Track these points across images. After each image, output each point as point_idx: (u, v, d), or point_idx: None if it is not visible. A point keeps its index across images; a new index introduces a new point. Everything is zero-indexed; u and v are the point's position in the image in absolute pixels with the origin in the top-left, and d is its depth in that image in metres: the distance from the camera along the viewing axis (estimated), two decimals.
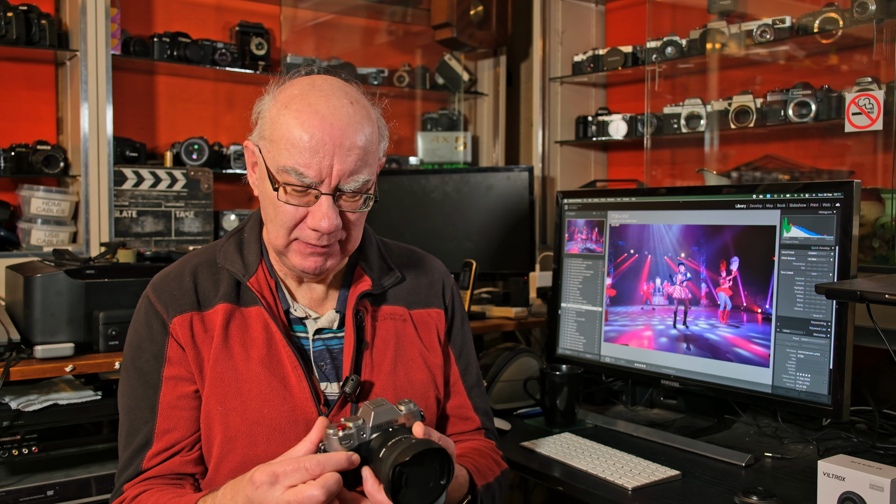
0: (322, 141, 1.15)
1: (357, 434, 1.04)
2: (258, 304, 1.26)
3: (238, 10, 3.00)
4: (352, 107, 1.20)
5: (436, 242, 2.68)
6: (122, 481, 1.22)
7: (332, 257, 1.24)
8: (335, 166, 1.16)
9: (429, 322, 1.39)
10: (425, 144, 3.42)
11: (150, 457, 1.21)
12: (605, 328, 1.98)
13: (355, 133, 1.18)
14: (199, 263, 1.30)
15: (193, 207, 2.70)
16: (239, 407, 1.21)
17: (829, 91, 2.33)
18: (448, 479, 1.05)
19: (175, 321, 1.23)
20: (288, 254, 1.23)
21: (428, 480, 1.03)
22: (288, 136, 1.16)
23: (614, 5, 3.35)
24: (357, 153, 1.18)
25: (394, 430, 1.06)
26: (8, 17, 2.34)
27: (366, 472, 1.03)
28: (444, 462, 1.04)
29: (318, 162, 1.15)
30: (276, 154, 1.18)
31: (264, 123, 1.22)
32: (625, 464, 1.59)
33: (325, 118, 1.16)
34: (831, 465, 1.29)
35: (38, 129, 2.62)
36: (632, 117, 2.98)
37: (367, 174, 1.20)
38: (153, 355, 1.24)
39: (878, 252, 2.13)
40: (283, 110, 1.19)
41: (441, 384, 1.37)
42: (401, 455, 1.00)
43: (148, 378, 1.23)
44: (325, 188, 1.17)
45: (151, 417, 1.22)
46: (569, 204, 2.10)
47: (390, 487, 1.00)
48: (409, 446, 1.01)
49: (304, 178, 1.16)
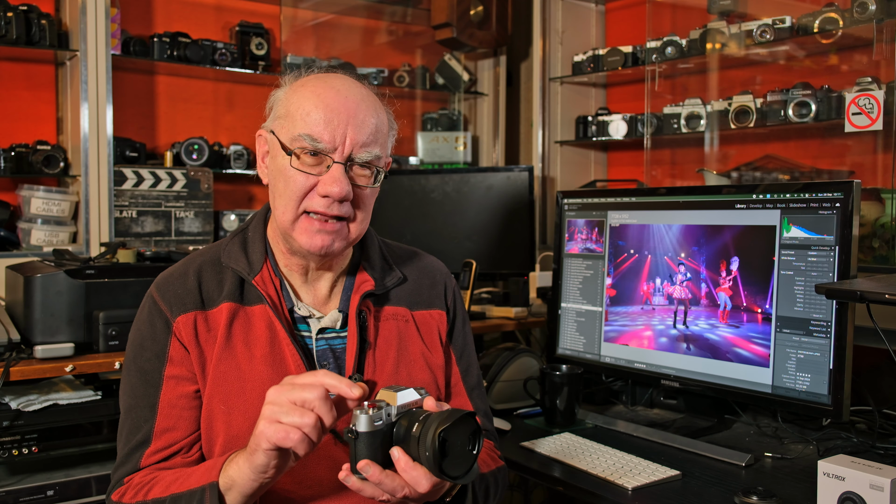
0: (337, 111, 1.20)
1: (385, 415, 1.06)
2: (262, 303, 1.26)
3: (238, 10, 3.00)
4: (365, 90, 1.27)
5: (436, 242, 2.68)
6: (121, 475, 1.22)
7: (338, 239, 1.24)
8: (349, 135, 1.20)
9: (431, 323, 1.39)
10: (425, 144, 3.42)
11: (149, 454, 1.21)
12: (605, 328, 1.98)
13: (368, 110, 1.23)
14: (204, 262, 1.30)
15: (193, 207, 2.70)
16: (242, 406, 1.21)
17: (829, 91, 2.33)
18: (479, 447, 1.08)
19: (179, 320, 1.23)
20: (294, 232, 1.23)
21: (463, 448, 1.06)
22: (304, 106, 1.21)
23: (614, 5, 3.35)
24: (370, 127, 1.23)
25: (416, 411, 1.08)
26: (8, 17, 2.34)
27: (396, 451, 1.05)
28: (475, 430, 1.07)
29: (332, 130, 1.20)
30: (290, 126, 1.22)
31: (278, 106, 1.27)
32: (625, 464, 1.59)
33: (341, 92, 1.22)
34: (831, 465, 1.29)
35: (38, 129, 2.62)
36: (632, 117, 2.98)
37: (379, 150, 1.24)
38: (155, 354, 1.24)
39: (878, 252, 2.13)
40: (300, 89, 1.24)
41: (443, 385, 1.38)
42: (441, 423, 1.02)
43: (149, 377, 1.23)
44: (337, 156, 1.21)
45: (151, 416, 1.22)
46: (569, 204, 2.10)
47: (436, 457, 1.02)
48: (447, 415, 1.03)
49: (318, 143, 1.19)
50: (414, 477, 1.03)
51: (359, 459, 1.04)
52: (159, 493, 1.15)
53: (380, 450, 1.05)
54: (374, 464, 1.03)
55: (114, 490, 1.22)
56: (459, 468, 1.06)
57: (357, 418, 1.04)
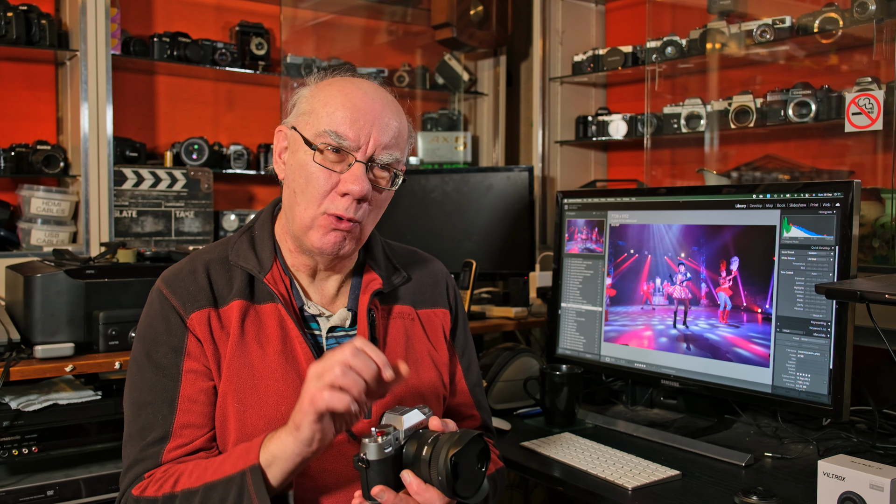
0: (363, 111, 1.22)
1: (394, 440, 1.07)
2: (273, 301, 1.26)
3: (238, 10, 3.00)
4: (389, 96, 1.29)
5: (436, 242, 2.68)
6: (140, 471, 1.18)
7: (350, 240, 1.25)
8: (373, 136, 1.22)
9: (435, 321, 1.40)
10: (425, 144, 3.42)
11: (170, 450, 1.18)
12: (605, 328, 1.98)
13: (392, 114, 1.26)
14: (211, 260, 1.29)
15: (193, 207, 2.70)
16: (256, 404, 1.21)
17: (829, 91, 2.33)
18: (487, 463, 1.09)
19: (193, 317, 1.22)
20: (310, 231, 1.23)
21: (472, 468, 1.07)
22: (331, 103, 1.22)
23: (614, 5, 3.35)
24: (393, 130, 1.24)
25: (424, 432, 1.09)
26: (8, 17, 2.34)
27: (408, 475, 1.06)
28: (483, 448, 1.09)
29: (358, 129, 1.21)
30: (315, 122, 1.23)
31: (302, 103, 1.27)
32: (625, 464, 1.59)
33: (368, 93, 1.24)
34: (831, 465, 1.29)
35: (38, 129, 2.62)
36: (632, 117, 2.98)
37: (399, 154, 1.26)
38: (172, 348, 1.22)
39: (878, 252, 2.13)
40: (327, 87, 1.26)
41: (448, 382, 1.39)
42: (453, 446, 1.03)
43: (167, 371, 1.21)
44: (360, 155, 1.22)
45: (170, 411, 1.20)
46: (569, 204, 2.10)
47: (450, 480, 1.03)
48: (458, 437, 1.05)
49: (343, 140, 1.20)
50: (427, 499, 1.05)
51: (371, 486, 1.04)
52: (190, 484, 1.13)
53: (391, 474, 1.06)
54: (389, 489, 1.05)
55: (132, 486, 1.18)
56: (470, 488, 1.07)
57: (366, 447, 1.05)
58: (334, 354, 1.05)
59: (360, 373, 1.04)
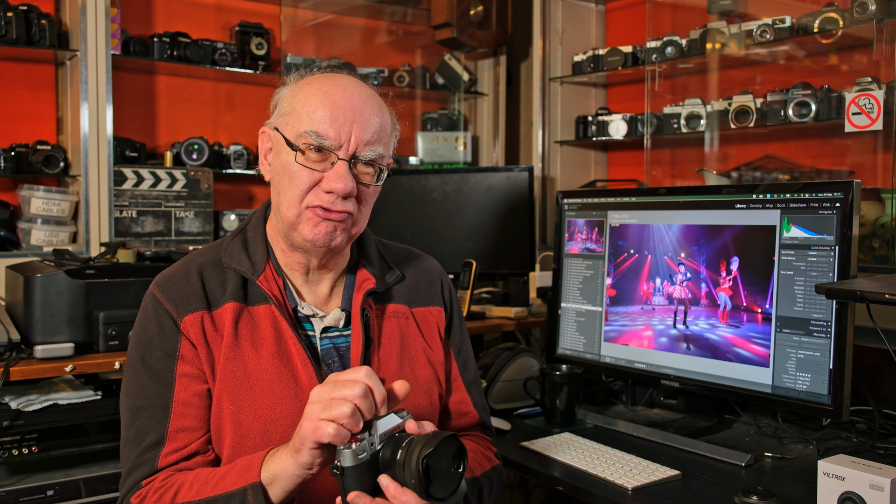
0: (343, 109, 1.21)
1: (369, 445, 1.06)
2: (266, 303, 1.26)
3: (238, 10, 3.00)
4: (370, 90, 1.28)
5: (436, 242, 2.68)
6: (138, 478, 1.18)
7: (341, 231, 1.24)
8: (354, 133, 1.21)
9: (430, 320, 1.40)
10: (425, 144, 3.42)
11: (165, 455, 1.18)
12: (605, 328, 1.98)
13: (373, 110, 1.24)
14: (204, 263, 1.29)
15: (193, 207, 2.70)
16: (251, 406, 1.21)
17: (829, 91, 2.33)
18: (464, 465, 1.08)
19: (186, 320, 1.22)
20: (299, 226, 1.23)
21: (448, 469, 1.06)
22: (310, 103, 1.22)
23: (614, 5, 3.34)
24: (375, 126, 1.23)
25: (399, 436, 1.08)
26: (8, 17, 2.34)
27: (385, 479, 1.05)
28: (458, 449, 1.08)
29: (338, 128, 1.20)
30: (296, 122, 1.22)
31: (283, 104, 1.27)
32: (625, 464, 1.59)
33: (347, 90, 1.23)
34: (831, 465, 1.29)
35: (38, 129, 2.62)
36: (632, 117, 2.98)
37: (383, 149, 1.25)
38: (165, 353, 1.22)
39: (878, 252, 2.13)
40: (306, 86, 1.25)
41: (443, 380, 1.39)
42: (424, 448, 1.02)
43: (161, 375, 1.21)
44: (342, 153, 1.21)
45: (164, 416, 1.20)
46: (569, 204, 2.10)
47: (422, 482, 1.02)
48: (429, 439, 1.04)
49: (324, 140, 1.20)
50: (404, 502, 1.04)
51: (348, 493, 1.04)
52: (190, 497, 1.13)
53: (367, 479, 1.05)
54: (364, 494, 1.04)
55: (131, 494, 1.17)
56: (446, 489, 1.06)
57: (341, 453, 1.04)
58: (343, 387, 1.03)
59: (365, 414, 1.04)
